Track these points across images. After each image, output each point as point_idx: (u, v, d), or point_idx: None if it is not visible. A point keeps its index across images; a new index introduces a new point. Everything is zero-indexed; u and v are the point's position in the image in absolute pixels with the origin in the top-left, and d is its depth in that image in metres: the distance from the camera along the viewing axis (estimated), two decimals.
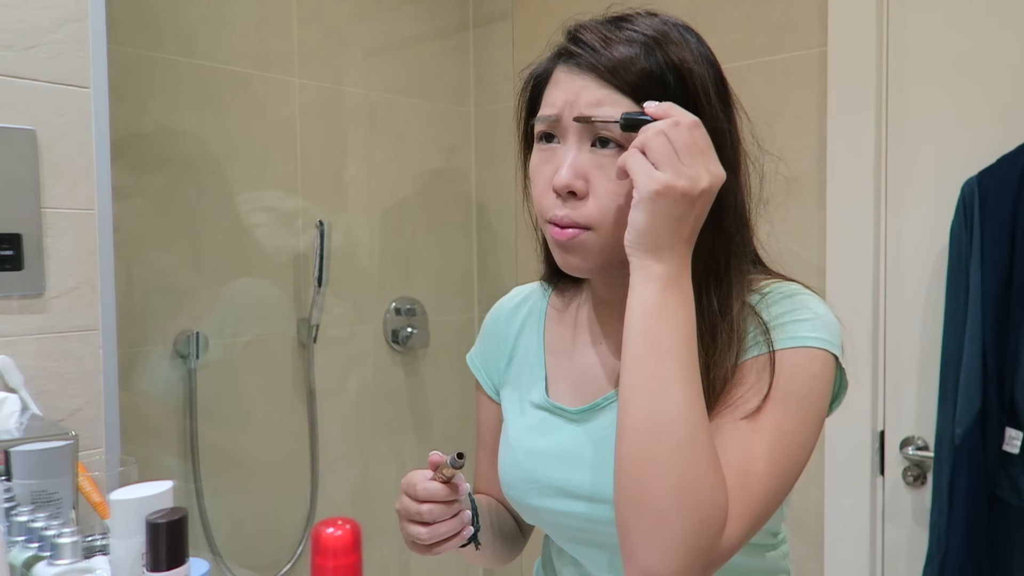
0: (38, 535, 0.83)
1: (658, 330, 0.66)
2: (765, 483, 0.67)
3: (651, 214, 0.66)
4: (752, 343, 0.72)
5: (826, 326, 0.72)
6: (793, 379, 0.70)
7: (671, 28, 0.74)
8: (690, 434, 0.63)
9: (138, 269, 1.61)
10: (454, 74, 2.26)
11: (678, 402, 0.64)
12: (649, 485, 0.63)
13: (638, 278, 0.67)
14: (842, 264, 1.61)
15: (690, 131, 0.66)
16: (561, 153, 0.74)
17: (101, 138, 1.25)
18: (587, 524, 0.79)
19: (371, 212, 2.05)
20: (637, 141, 0.67)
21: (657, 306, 0.66)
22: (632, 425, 0.65)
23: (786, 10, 1.67)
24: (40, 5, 1.19)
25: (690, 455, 0.63)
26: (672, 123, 0.66)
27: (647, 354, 0.66)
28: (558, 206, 0.73)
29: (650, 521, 0.62)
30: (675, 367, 0.65)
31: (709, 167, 0.67)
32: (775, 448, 0.68)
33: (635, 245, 0.67)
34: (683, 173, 0.65)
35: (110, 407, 1.27)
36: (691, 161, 0.66)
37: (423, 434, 2.20)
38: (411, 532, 0.79)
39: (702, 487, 0.62)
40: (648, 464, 0.63)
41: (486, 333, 0.98)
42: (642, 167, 0.66)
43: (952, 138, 1.51)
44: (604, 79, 0.71)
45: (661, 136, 0.66)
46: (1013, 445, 1.36)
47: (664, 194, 0.65)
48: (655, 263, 0.67)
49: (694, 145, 0.66)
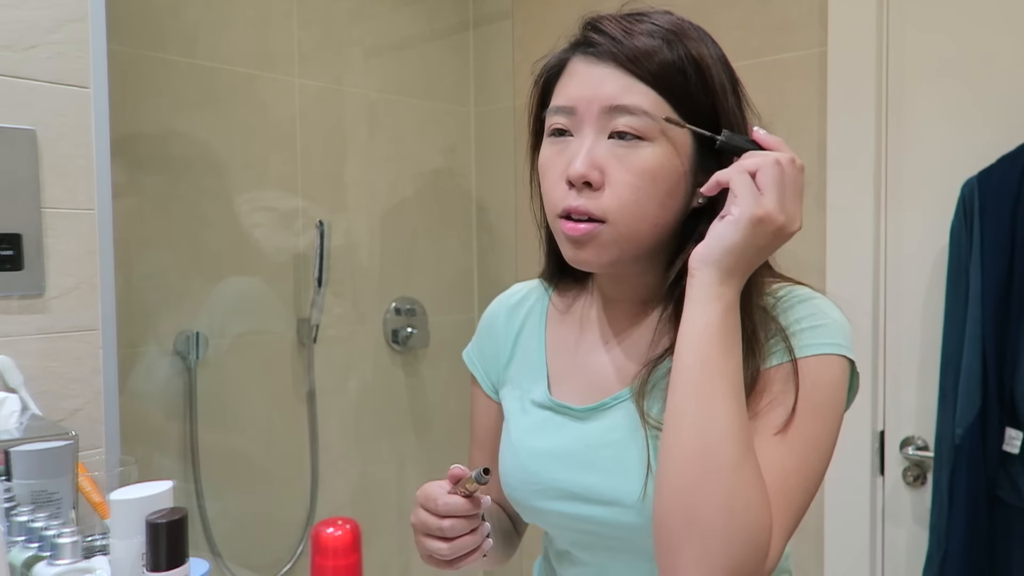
0: (38, 535, 0.83)
1: (715, 352, 0.66)
2: (799, 497, 0.67)
3: (745, 237, 0.66)
4: (774, 349, 0.72)
5: (841, 331, 0.73)
6: (816, 388, 0.70)
7: (688, 25, 0.74)
8: (741, 454, 0.63)
9: (138, 269, 1.61)
10: (454, 74, 2.26)
11: (732, 422, 0.64)
12: (699, 504, 0.62)
13: (703, 294, 0.67)
14: (842, 264, 1.61)
15: (799, 172, 0.68)
16: (575, 145, 0.73)
17: (101, 138, 1.25)
18: (593, 527, 0.78)
19: (371, 212, 2.05)
20: (749, 163, 0.67)
21: (717, 328, 0.66)
22: (683, 442, 0.65)
23: (786, 10, 1.67)
24: (40, 5, 1.19)
25: (741, 476, 0.63)
26: (789, 159, 0.67)
27: (702, 373, 0.65)
28: (572, 196, 0.72)
29: (697, 540, 0.62)
30: (728, 387, 0.65)
31: (799, 214, 0.68)
32: (803, 461, 0.68)
33: (711, 262, 0.67)
34: (786, 210, 0.66)
35: (110, 407, 1.27)
36: (793, 201, 0.67)
37: (423, 434, 2.20)
38: (431, 547, 0.76)
39: (750, 508, 0.63)
40: (698, 483, 0.63)
41: (484, 330, 0.96)
42: (750, 189, 0.66)
43: (952, 138, 1.51)
44: (626, 68, 0.71)
45: (778, 167, 0.66)
46: (1013, 445, 1.36)
47: (764, 222, 0.65)
48: (724, 285, 0.67)
49: (798, 187, 0.67)
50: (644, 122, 0.70)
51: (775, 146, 0.69)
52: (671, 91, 0.71)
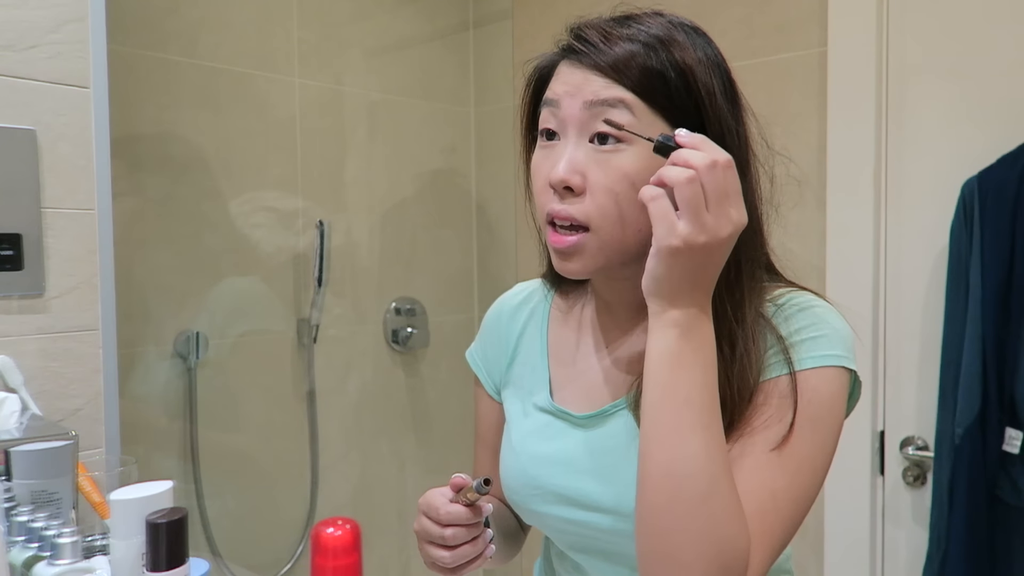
0: (38, 535, 0.83)
1: (676, 378, 0.65)
2: (786, 515, 0.67)
3: (668, 268, 0.64)
4: (772, 360, 0.71)
5: (842, 340, 0.72)
6: (813, 403, 0.69)
7: (677, 28, 0.73)
8: (710, 486, 0.63)
9: (138, 269, 1.61)
10: (454, 74, 2.26)
11: (697, 454, 0.63)
12: (671, 537, 0.63)
13: (655, 323, 0.66)
14: (842, 264, 1.61)
15: (724, 173, 0.63)
16: (560, 149, 0.73)
17: (101, 138, 1.25)
18: (591, 532, 0.78)
19: (371, 212, 2.05)
20: (667, 175, 0.63)
21: (675, 354, 0.65)
22: (653, 476, 0.64)
23: (786, 10, 1.67)
24: (40, 5, 1.19)
25: (711, 507, 0.62)
26: (709, 164, 0.63)
27: (665, 404, 0.65)
28: (555, 201, 0.72)
29: (673, 571, 0.62)
30: (693, 416, 0.64)
31: (732, 215, 0.64)
32: (794, 479, 0.68)
33: (652, 293, 0.66)
34: (706, 227, 0.62)
35: (110, 407, 1.27)
36: (717, 211, 0.63)
37: (423, 434, 2.20)
38: (433, 555, 0.77)
39: (723, 538, 0.62)
40: (669, 516, 0.63)
41: (487, 330, 0.96)
42: (664, 218, 0.63)
43: (952, 138, 1.51)
44: (607, 76, 0.70)
45: (694, 185, 0.62)
46: (1013, 445, 1.36)
47: (683, 250, 0.63)
48: (672, 309, 0.65)
49: (724, 191, 0.63)
50: (625, 117, 0.69)
51: (697, 146, 0.64)
52: (652, 97, 0.70)
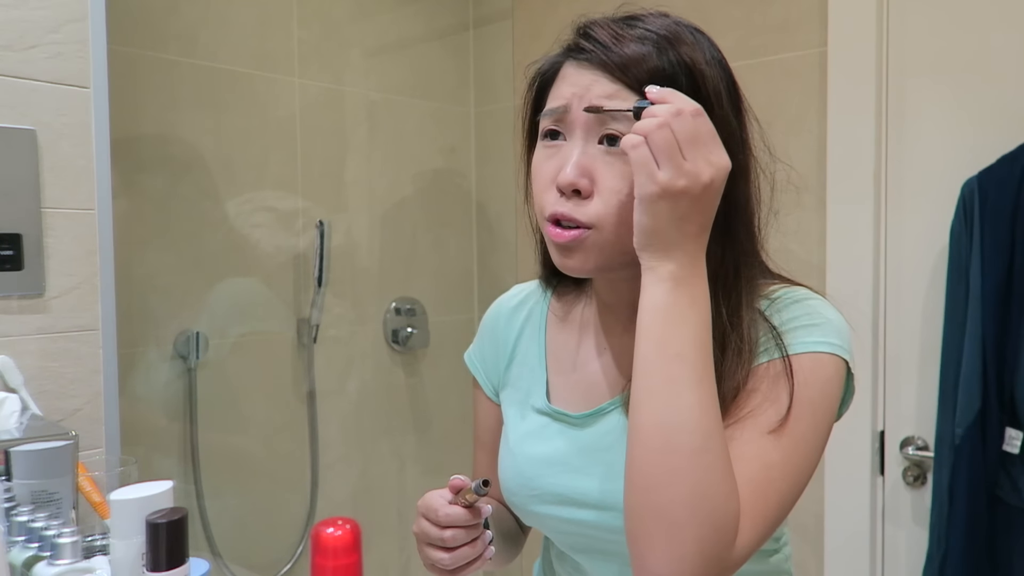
0: (38, 535, 0.83)
1: (669, 332, 0.64)
2: (779, 490, 0.66)
3: (653, 216, 0.64)
4: (763, 348, 0.71)
5: (837, 331, 0.72)
6: (806, 385, 0.69)
7: (683, 29, 0.72)
8: (704, 440, 0.62)
9: (138, 269, 1.61)
10: (454, 74, 2.26)
11: (691, 407, 0.63)
12: (662, 492, 0.62)
13: (648, 278, 0.66)
14: (842, 264, 1.61)
15: (693, 120, 0.63)
16: (566, 150, 0.72)
17: (101, 138, 1.25)
18: (590, 531, 0.78)
19: (371, 212, 2.05)
20: (638, 126, 0.64)
21: (668, 307, 0.64)
22: (644, 430, 0.64)
23: (786, 10, 1.67)
24: (40, 5, 1.19)
25: (704, 462, 0.62)
26: (674, 112, 0.63)
27: (658, 358, 0.64)
28: (560, 203, 0.71)
29: (663, 529, 0.61)
30: (687, 371, 0.63)
31: (711, 159, 0.64)
32: (789, 456, 0.67)
33: (642, 247, 0.66)
34: (684, 171, 0.62)
35: (110, 407, 1.27)
36: (693, 155, 0.63)
37: (423, 434, 2.20)
38: (432, 557, 0.77)
39: (716, 495, 0.61)
40: (661, 471, 0.62)
41: (485, 332, 0.96)
42: (644, 166, 0.63)
43: (952, 138, 1.51)
44: (615, 76, 0.70)
45: (665, 129, 0.62)
46: (1013, 445, 1.36)
47: (664, 196, 0.63)
48: (664, 263, 0.65)
49: (696, 136, 0.63)
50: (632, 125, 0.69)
51: (662, 99, 0.65)
52: None
